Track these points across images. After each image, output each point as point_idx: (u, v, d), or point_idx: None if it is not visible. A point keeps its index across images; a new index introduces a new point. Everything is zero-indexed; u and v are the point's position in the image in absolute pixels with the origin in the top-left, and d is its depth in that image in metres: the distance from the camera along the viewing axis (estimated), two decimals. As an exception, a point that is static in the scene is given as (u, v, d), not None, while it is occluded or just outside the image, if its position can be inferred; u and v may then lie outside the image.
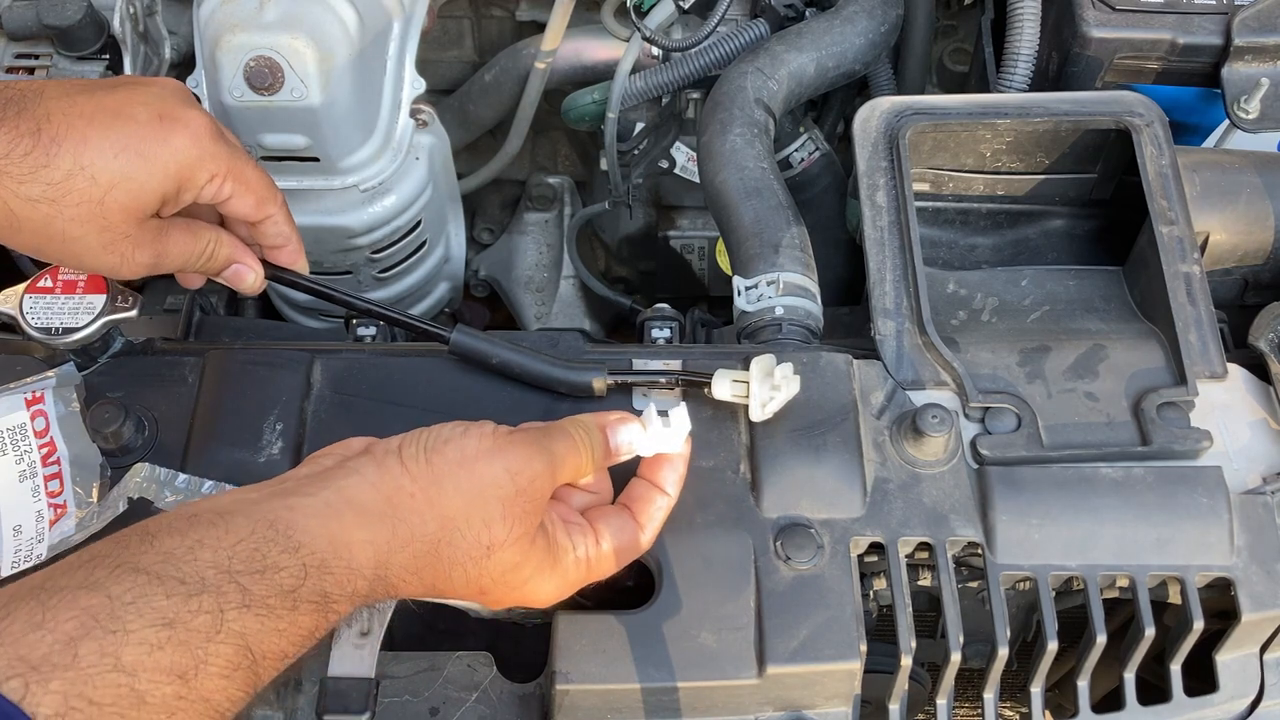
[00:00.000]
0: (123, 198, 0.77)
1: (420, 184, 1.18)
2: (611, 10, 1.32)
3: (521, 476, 0.72)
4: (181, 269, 0.86)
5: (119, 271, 0.81)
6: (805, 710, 0.82)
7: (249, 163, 0.84)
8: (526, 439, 0.74)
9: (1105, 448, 0.87)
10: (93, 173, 0.76)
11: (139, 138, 0.78)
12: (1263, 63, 1.08)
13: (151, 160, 0.78)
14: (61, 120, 0.76)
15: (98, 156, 0.76)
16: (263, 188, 0.85)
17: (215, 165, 0.81)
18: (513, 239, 1.53)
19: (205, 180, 0.81)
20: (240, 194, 0.83)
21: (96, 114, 0.77)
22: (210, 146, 0.80)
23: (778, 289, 0.96)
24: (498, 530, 0.71)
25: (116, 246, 0.79)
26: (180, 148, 0.79)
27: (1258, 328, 0.92)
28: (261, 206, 0.85)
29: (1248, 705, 0.87)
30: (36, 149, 0.75)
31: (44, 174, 0.75)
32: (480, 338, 0.88)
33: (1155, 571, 0.84)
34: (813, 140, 1.33)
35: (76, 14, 1.08)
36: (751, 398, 0.81)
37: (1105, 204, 1.06)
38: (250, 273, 0.88)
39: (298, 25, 1.02)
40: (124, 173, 0.77)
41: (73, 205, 0.76)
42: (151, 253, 0.81)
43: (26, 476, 0.81)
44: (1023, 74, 1.15)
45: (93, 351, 0.89)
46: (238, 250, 0.87)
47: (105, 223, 0.77)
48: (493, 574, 0.72)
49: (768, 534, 0.83)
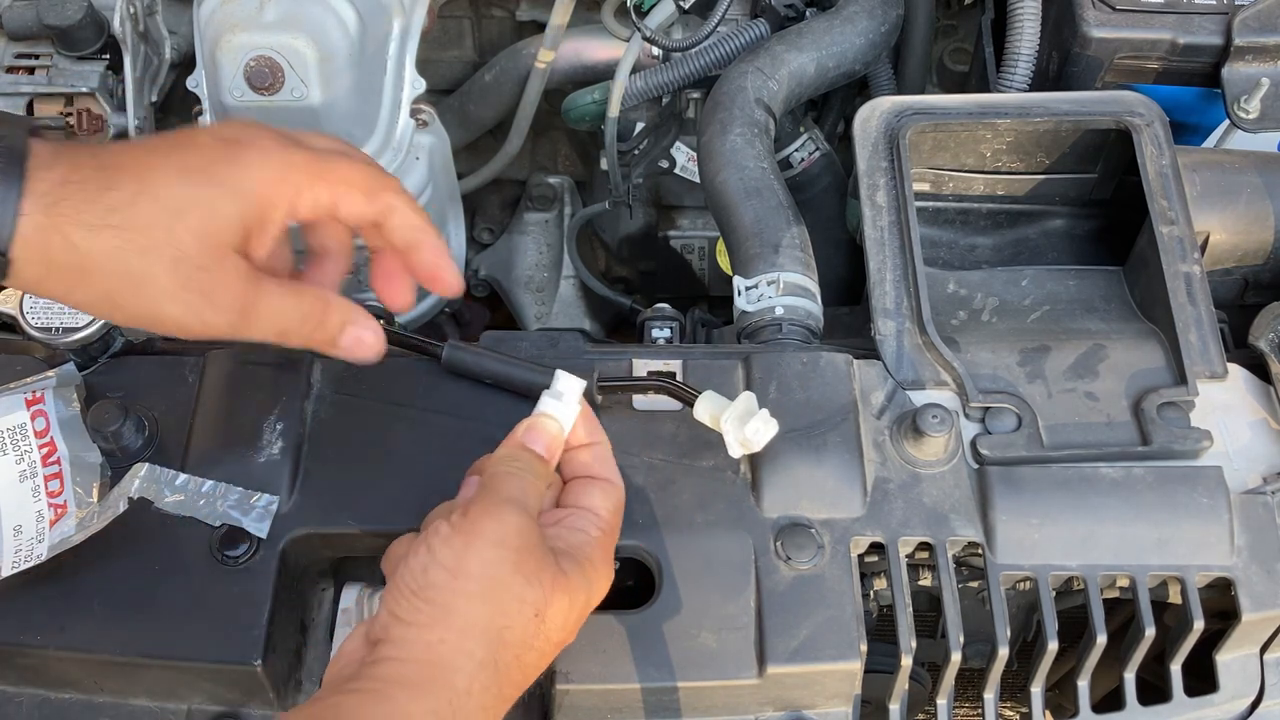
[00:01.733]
0: (195, 223, 0.68)
1: (420, 184, 1.18)
2: (611, 10, 1.32)
3: (509, 539, 0.68)
4: (280, 334, 0.73)
5: (202, 318, 0.70)
6: (805, 710, 0.82)
7: (338, 158, 0.73)
8: (485, 508, 0.69)
9: (1105, 448, 0.87)
10: (157, 194, 0.67)
11: (206, 160, 0.69)
12: (1263, 63, 1.08)
13: (222, 181, 0.69)
14: (121, 150, 0.70)
15: (162, 180, 0.68)
16: (367, 178, 0.74)
17: (298, 175, 0.71)
18: (513, 239, 1.53)
19: (292, 194, 0.71)
20: (344, 194, 0.72)
21: (157, 144, 0.71)
22: (286, 157, 0.71)
23: (778, 289, 0.96)
24: (532, 594, 0.67)
25: (195, 282, 0.68)
26: (252, 163, 0.70)
27: (1258, 328, 0.92)
28: (375, 196, 0.73)
29: (1248, 705, 0.87)
30: (95, 175, 0.67)
31: (105, 198, 0.67)
32: (472, 352, 0.88)
33: (1155, 571, 0.84)
34: (813, 140, 1.33)
35: (76, 14, 1.08)
36: (727, 436, 0.80)
37: (1105, 204, 1.06)
38: (371, 335, 0.76)
39: (298, 25, 1.02)
40: (192, 196, 0.68)
41: (139, 233, 0.67)
42: (237, 297, 0.70)
43: (27, 476, 0.81)
44: (1023, 74, 1.15)
45: (93, 351, 0.89)
46: (354, 313, 0.75)
47: (178, 254, 0.68)
48: (559, 625, 0.69)
49: (768, 534, 0.83)
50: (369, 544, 0.85)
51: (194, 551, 0.82)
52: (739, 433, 0.79)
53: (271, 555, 0.82)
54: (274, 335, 0.73)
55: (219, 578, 0.81)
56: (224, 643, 0.79)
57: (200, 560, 0.81)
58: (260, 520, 0.82)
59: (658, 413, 0.88)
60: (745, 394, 0.80)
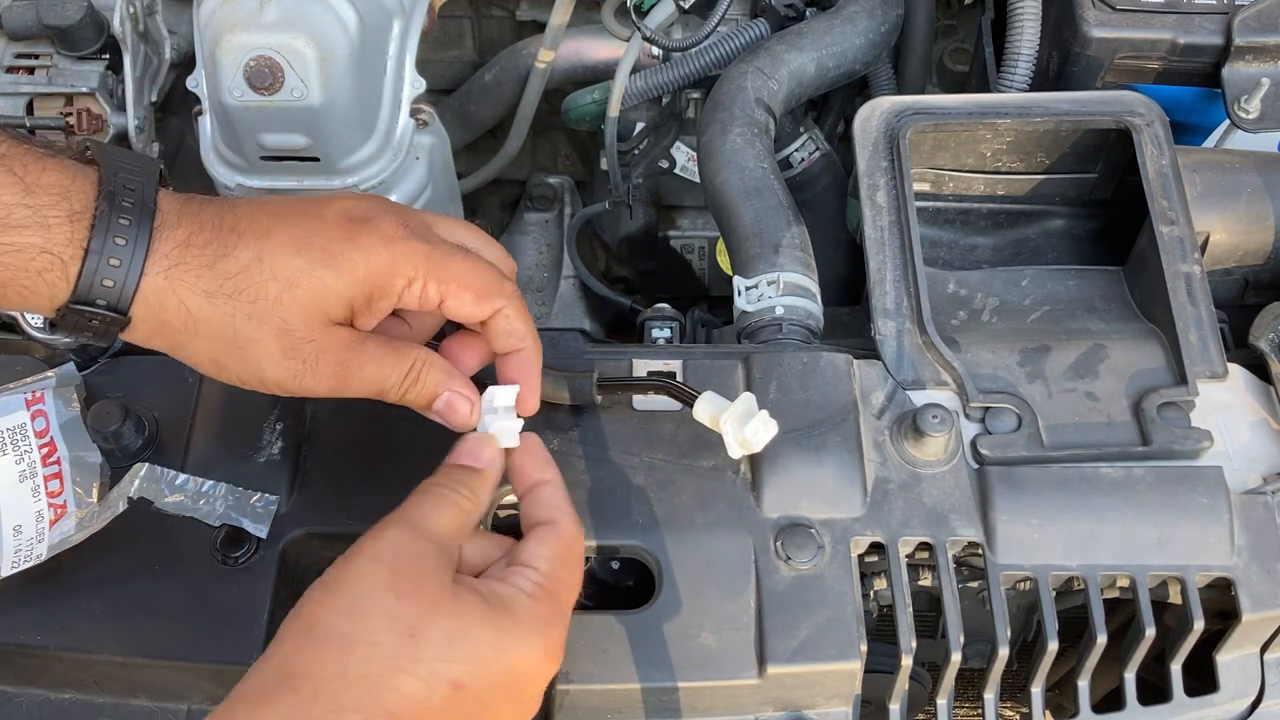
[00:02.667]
0: (303, 297, 0.69)
1: (420, 184, 1.18)
2: (611, 10, 1.32)
3: (384, 554, 0.65)
4: (379, 391, 0.73)
5: (302, 381, 0.71)
6: (805, 710, 0.82)
7: (456, 256, 0.73)
8: (373, 529, 0.67)
9: (1105, 448, 0.87)
10: (272, 266, 0.69)
11: (325, 236, 0.70)
12: (1263, 62, 1.08)
13: (336, 260, 0.70)
14: (245, 212, 0.71)
15: (279, 250, 0.69)
16: (481, 281, 0.74)
17: (412, 267, 0.71)
18: (513, 239, 1.53)
19: (403, 285, 0.71)
20: (454, 293, 0.73)
21: (283, 210, 0.72)
22: (404, 246, 0.71)
23: (778, 289, 0.96)
24: (405, 610, 0.63)
25: (298, 352, 0.70)
26: (369, 247, 0.70)
27: (1258, 328, 0.92)
28: (484, 301, 0.74)
29: (1248, 705, 0.87)
30: (216, 240, 0.69)
31: (221, 265, 0.68)
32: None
33: (1155, 571, 0.84)
34: (813, 140, 1.33)
35: (76, 14, 1.08)
36: (726, 437, 0.80)
37: (1105, 204, 1.06)
38: (465, 402, 0.75)
39: (298, 25, 1.02)
40: (305, 270, 0.69)
41: (249, 302, 0.69)
42: (338, 361, 0.71)
43: (26, 476, 0.81)
44: (1023, 74, 1.15)
45: (93, 351, 0.89)
46: (449, 378, 0.75)
47: (284, 324, 0.69)
48: (442, 653, 0.63)
49: (768, 534, 0.83)
50: (369, 544, 0.85)
51: (194, 551, 0.82)
52: (738, 433, 0.79)
53: (271, 555, 0.82)
54: (371, 393, 0.74)
55: (219, 578, 0.81)
56: (224, 643, 0.79)
57: (200, 560, 0.81)
58: (260, 520, 0.82)
59: (658, 413, 0.88)
60: (745, 395, 0.80)
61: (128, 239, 0.67)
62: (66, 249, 0.66)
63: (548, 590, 0.68)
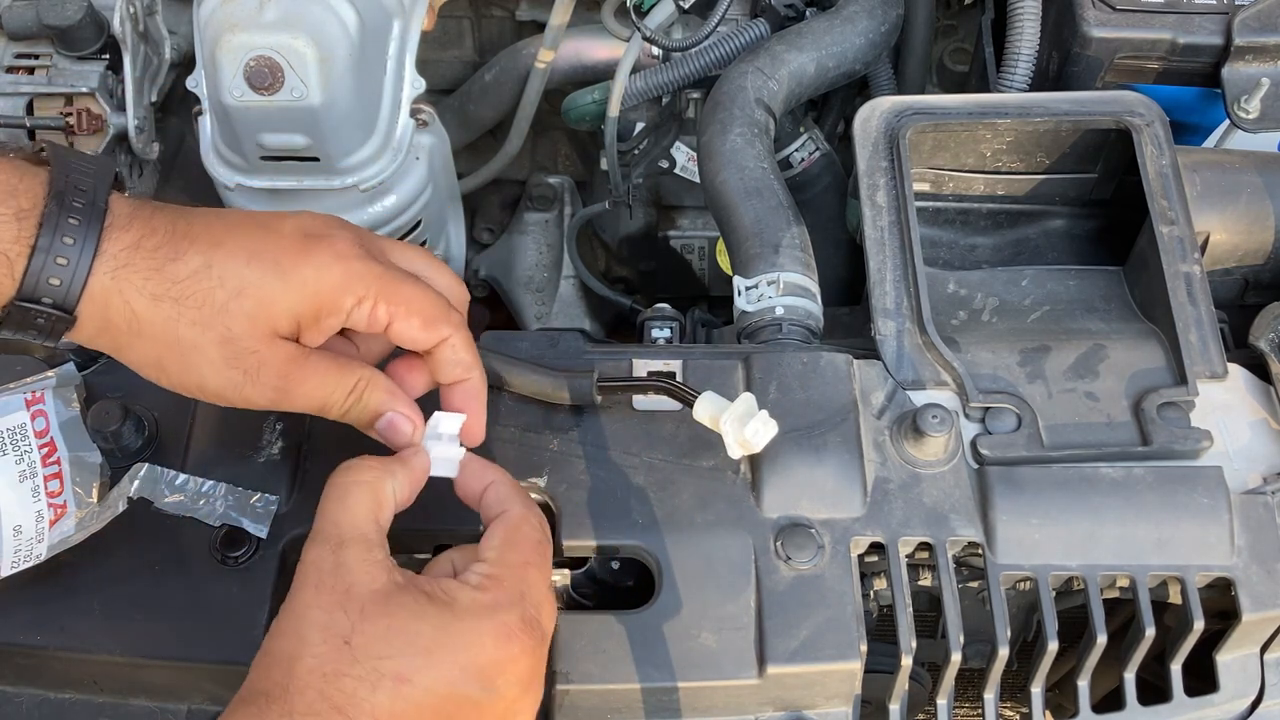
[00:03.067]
0: (249, 307, 0.69)
1: (420, 184, 1.18)
2: (611, 10, 1.32)
3: (308, 574, 0.66)
4: (321, 408, 0.74)
5: (243, 391, 0.71)
6: (805, 710, 0.82)
7: (407, 281, 0.73)
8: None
9: (1105, 448, 0.87)
10: (220, 274, 0.69)
11: (277, 249, 0.70)
12: (1263, 62, 1.08)
13: (286, 273, 0.70)
14: (200, 220, 0.71)
15: (229, 260, 0.69)
16: (430, 308, 0.74)
17: (363, 287, 0.71)
18: (513, 239, 1.53)
19: (352, 304, 0.71)
20: (402, 316, 0.72)
21: (239, 221, 0.72)
22: (357, 266, 0.71)
23: (778, 289, 0.96)
24: (337, 621, 0.64)
25: (240, 361, 0.70)
26: (321, 263, 0.71)
27: (1258, 328, 0.92)
28: (431, 328, 0.74)
29: (1248, 705, 0.87)
30: (168, 244, 0.69)
31: (169, 269, 0.69)
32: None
33: (1155, 571, 0.84)
34: (813, 140, 1.33)
35: (76, 14, 1.08)
36: (726, 437, 0.80)
37: (1105, 204, 1.06)
38: (408, 424, 0.75)
39: (298, 25, 1.02)
40: (254, 281, 0.69)
41: (194, 307, 0.69)
42: (279, 375, 0.71)
43: (26, 476, 0.81)
44: (1023, 74, 1.15)
45: (93, 351, 0.89)
46: (394, 397, 0.75)
47: (228, 333, 0.70)
48: (380, 653, 0.64)
49: (768, 534, 0.83)
50: (369, 544, 0.85)
51: (194, 551, 0.82)
52: (738, 434, 0.79)
53: (271, 555, 0.82)
54: (313, 409, 0.74)
55: (219, 578, 0.81)
56: (224, 643, 0.79)
57: (200, 560, 0.81)
58: (260, 520, 0.82)
59: (658, 413, 0.88)
60: (745, 395, 0.80)
61: (76, 238, 0.67)
62: (13, 246, 0.67)
63: (494, 577, 0.69)
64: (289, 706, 0.62)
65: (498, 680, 0.66)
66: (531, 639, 0.67)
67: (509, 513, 0.73)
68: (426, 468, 0.75)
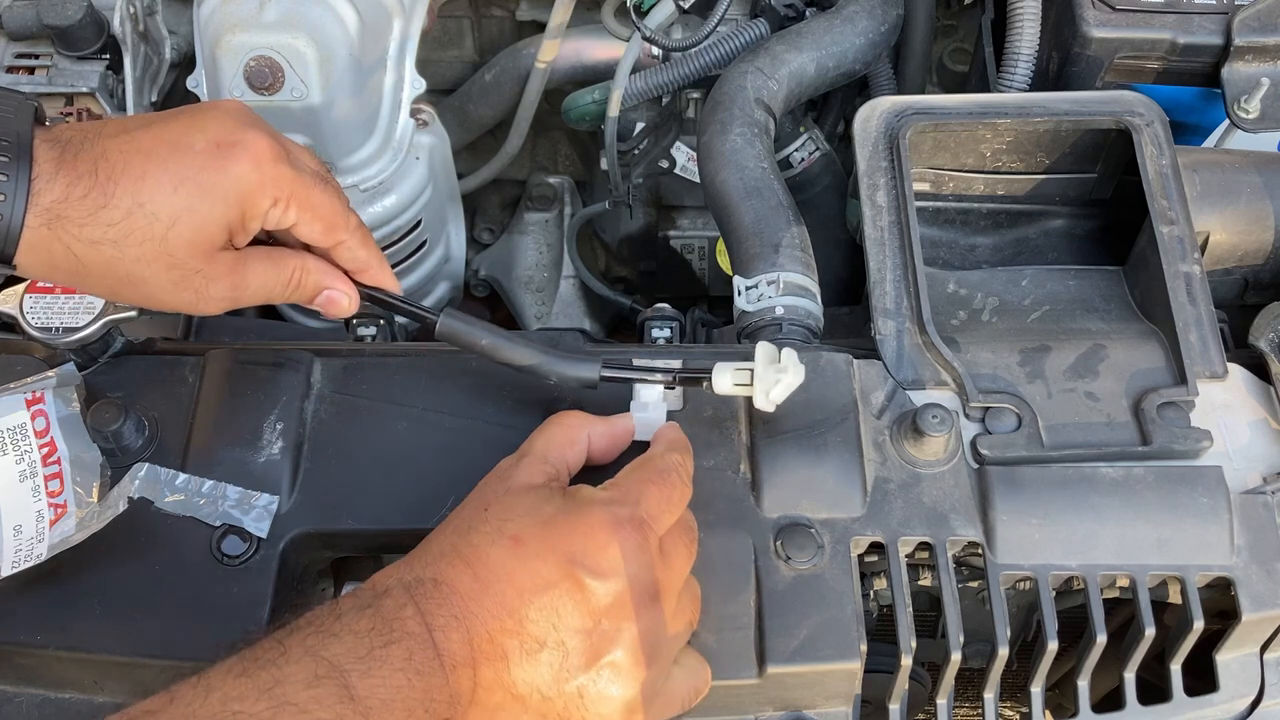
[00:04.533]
0: (186, 233, 0.74)
1: (420, 184, 1.18)
2: (611, 10, 1.32)
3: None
4: (267, 299, 0.81)
5: (197, 307, 0.77)
6: (805, 710, 0.82)
7: (316, 186, 0.79)
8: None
9: (1105, 447, 0.87)
10: (152, 209, 0.73)
11: (197, 168, 0.74)
12: (1263, 62, 1.08)
13: (211, 191, 0.74)
14: (119, 157, 0.73)
15: (156, 192, 0.73)
16: (331, 213, 0.80)
17: (277, 189, 0.77)
18: (513, 239, 1.53)
19: (268, 205, 0.77)
20: (306, 220, 0.79)
21: (154, 147, 0.74)
22: (271, 170, 0.76)
23: (778, 289, 0.96)
24: (483, 493, 0.76)
25: (189, 283, 0.76)
26: (239, 175, 0.75)
27: (1258, 328, 0.92)
28: (331, 232, 0.81)
29: (1248, 705, 0.87)
30: (94, 190, 0.72)
31: (103, 215, 0.72)
32: (465, 322, 0.85)
33: (1155, 571, 0.84)
34: (813, 140, 1.33)
35: (76, 14, 1.08)
36: (756, 384, 0.80)
37: (1105, 204, 1.06)
38: (343, 297, 0.83)
39: (298, 25, 1.02)
40: (185, 206, 0.74)
41: (135, 245, 0.73)
42: (228, 285, 0.78)
43: (27, 476, 0.81)
44: (1023, 74, 1.15)
45: (93, 351, 0.89)
46: (327, 275, 0.82)
47: (172, 260, 0.74)
48: (496, 512, 0.73)
49: (768, 534, 0.83)
50: (369, 544, 0.85)
51: (194, 551, 0.82)
52: (772, 384, 0.79)
53: (271, 555, 0.82)
54: (261, 301, 0.81)
55: (219, 578, 0.81)
56: (224, 643, 0.79)
57: (200, 560, 0.81)
58: (260, 520, 0.82)
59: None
60: (762, 344, 0.80)
61: (8, 174, 0.70)
62: None
63: (615, 484, 0.76)
64: (426, 554, 0.72)
65: (601, 564, 0.70)
66: (639, 536, 0.72)
67: (650, 450, 0.80)
68: (629, 428, 0.83)
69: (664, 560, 0.73)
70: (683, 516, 0.77)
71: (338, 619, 0.66)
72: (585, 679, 0.69)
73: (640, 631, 0.71)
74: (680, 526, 0.77)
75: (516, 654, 0.69)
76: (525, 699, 0.69)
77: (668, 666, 0.74)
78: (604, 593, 0.70)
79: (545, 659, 0.69)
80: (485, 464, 0.79)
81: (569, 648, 0.69)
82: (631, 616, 0.70)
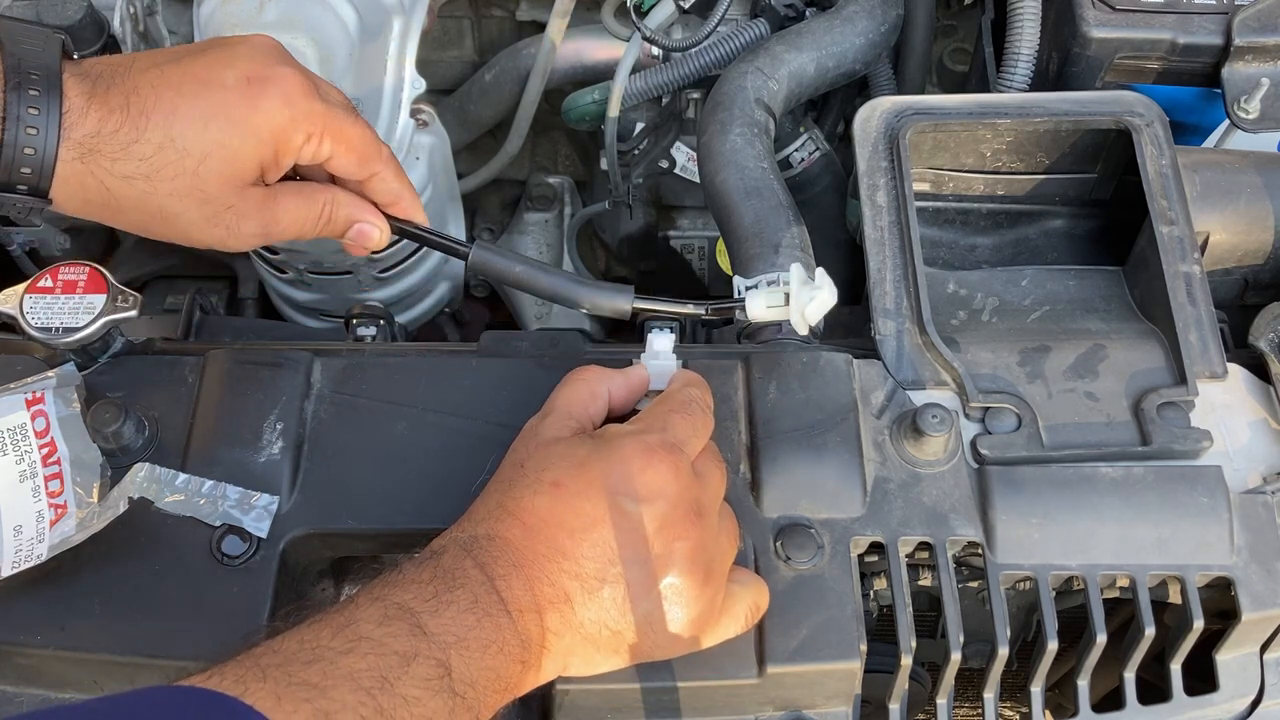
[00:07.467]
0: (218, 167, 0.75)
1: (420, 184, 1.18)
2: (611, 10, 1.32)
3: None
4: (299, 235, 0.82)
5: (228, 243, 0.79)
6: (805, 710, 0.82)
7: (348, 119, 0.81)
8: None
9: (1105, 447, 0.87)
10: (184, 144, 0.74)
11: (228, 104, 0.75)
12: (1263, 63, 1.08)
13: (243, 126, 0.75)
14: (150, 92, 0.74)
15: (188, 127, 0.74)
16: (365, 144, 0.82)
17: (310, 124, 0.78)
18: (513, 239, 1.53)
19: (301, 141, 0.78)
20: (341, 153, 0.80)
21: (184, 82, 0.75)
22: (304, 105, 0.78)
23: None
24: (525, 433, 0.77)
25: (221, 219, 0.77)
26: (271, 110, 0.76)
27: (1258, 328, 0.92)
28: (365, 164, 0.82)
29: (1248, 705, 0.87)
30: (126, 124, 0.73)
31: (135, 149, 0.73)
32: (498, 254, 0.88)
33: (1155, 571, 0.84)
34: (813, 140, 1.33)
35: (76, 14, 1.08)
36: (792, 303, 0.81)
37: (1105, 204, 1.06)
38: (374, 230, 0.84)
39: (298, 25, 1.02)
40: (216, 141, 0.75)
41: (168, 180, 0.74)
42: (260, 221, 0.79)
43: (27, 477, 0.81)
44: (1023, 74, 1.15)
45: (93, 351, 0.89)
46: (357, 208, 0.84)
47: (204, 195, 0.76)
48: (536, 443, 0.75)
49: (768, 534, 0.83)
50: (369, 544, 0.85)
51: (194, 551, 0.82)
52: (805, 300, 0.81)
53: (271, 555, 0.82)
54: (293, 236, 0.82)
55: (219, 578, 0.81)
56: (224, 643, 0.79)
57: (200, 560, 0.81)
58: (260, 520, 0.82)
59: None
60: (795, 266, 0.82)
61: (39, 108, 0.71)
62: None
63: (642, 417, 0.78)
64: (474, 516, 0.73)
65: (641, 489, 0.71)
66: (672, 458, 0.73)
67: (669, 388, 0.81)
68: (644, 377, 0.83)
69: (700, 481, 0.75)
70: (709, 445, 0.78)
71: (399, 573, 0.68)
72: (649, 604, 0.71)
73: (691, 548, 0.72)
74: (709, 450, 0.78)
75: (579, 595, 0.70)
76: (595, 638, 0.71)
77: (723, 582, 0.75)
78: (649, 516, 0.71)
79: (608, 594, 0.70)
80: (485, 464, 0.80)
81: (628, 579, 0.70)
82: (680, 534, 0.72)
